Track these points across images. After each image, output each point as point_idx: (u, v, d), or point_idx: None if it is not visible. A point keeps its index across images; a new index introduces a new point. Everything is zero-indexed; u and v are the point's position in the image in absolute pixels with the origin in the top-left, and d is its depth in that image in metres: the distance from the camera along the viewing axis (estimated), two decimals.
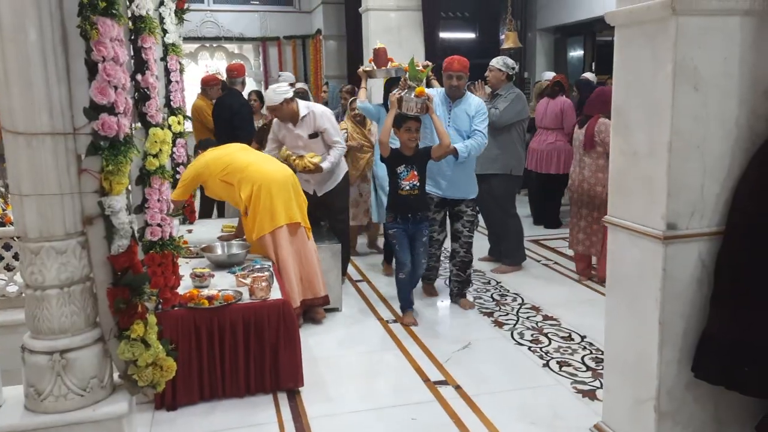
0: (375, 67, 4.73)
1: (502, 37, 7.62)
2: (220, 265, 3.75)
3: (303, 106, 4.56)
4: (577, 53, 9.51)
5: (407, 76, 4.02)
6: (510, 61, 5.11)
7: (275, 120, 4.72)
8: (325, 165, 4.47)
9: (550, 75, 7.53)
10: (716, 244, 2.28)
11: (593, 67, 8.73)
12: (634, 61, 2.34)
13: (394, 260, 4.50)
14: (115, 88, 2.06)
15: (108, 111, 2.06)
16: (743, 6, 2.17)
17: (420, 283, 4.64)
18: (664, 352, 2.32)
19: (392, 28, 6.45)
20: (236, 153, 4.16)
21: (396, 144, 4.16)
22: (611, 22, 2.44)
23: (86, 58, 2.03)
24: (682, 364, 2.33)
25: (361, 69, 4.73)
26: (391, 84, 4.85)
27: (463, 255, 4.48)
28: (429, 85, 4.65)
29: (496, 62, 5.11)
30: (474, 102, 4.31)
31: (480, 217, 5.12)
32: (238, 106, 5.91)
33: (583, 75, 7.66)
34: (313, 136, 4.55)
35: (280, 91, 4.44)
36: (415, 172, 4.04)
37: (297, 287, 3.97)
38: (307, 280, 4.05)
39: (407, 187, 4.05)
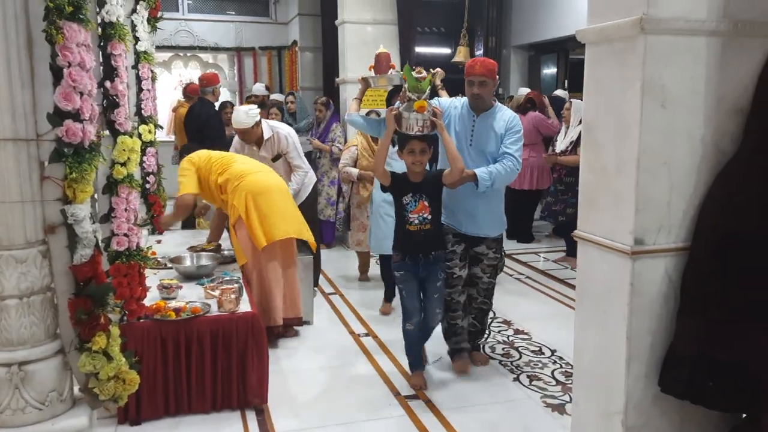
0: (375, 75, 3.99)
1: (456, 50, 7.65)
2: (189, 277, 3.69)
3: (267, 128, 4.51)
4: (550, 70, 9.64)
5: (406, 86, 3.27)
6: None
7: (236, 140, 4.66)
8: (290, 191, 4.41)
9: (525, 91, 7.63)
10: (683, 259, 2.31)
11: (566, 84, 8.86)
12: (603, 78, 2.37)
13: (401, 304, 3.55)
14: (81, 94, 2.02)
15: (73, 117, 2.02)
16: (709, 27, 2.21)
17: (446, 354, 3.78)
18: (632, 367, 2.33)
19: (368, 42, 6.47)
20: (236, 158, 4.09)
21: (400, 166, 3.45)
22: (582, 39, 2.47)
23: (51, 62, 1.99)
24: (649, 379, 2.35)
25: (360, 76, 4.03)
26: (393, 94, 4.38)
27: (482, 302, 3.72)
28: (435, 94, 4.01)
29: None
30: (505, 116, 3.45)
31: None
32: (206, 116, 5.88)
33: (555, 92, 7.79)
34: (277, 158, 4.51)
35: (252, 114, 4.37)
36: (426, 203, 3.29)
37: (281, 305, 3.92)
38: (290, 298, 4.01)
39: (416, 221, 3.29)
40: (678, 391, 2.28)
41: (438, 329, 3.63)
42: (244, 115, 4.35)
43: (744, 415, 2.32)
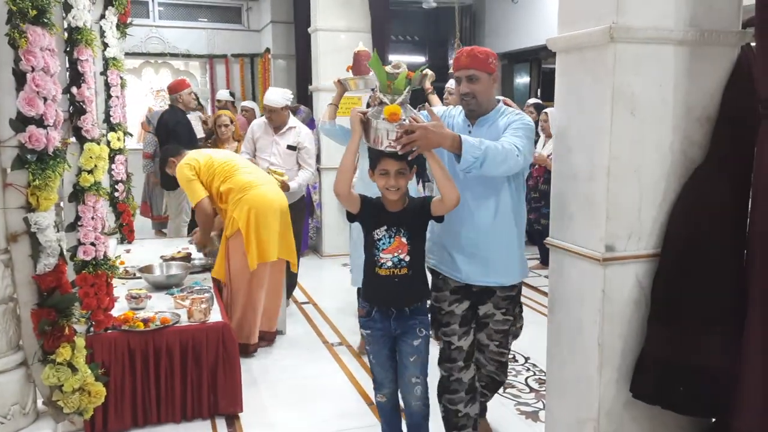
0: (354, 76, 3.57)
1: (451, 61, 7.70)
2: (159, 287, 3.62)
3: (292, 119, 4.64)
4: (523, 80, 9.73)
5: (377, 86, 2.42)
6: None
7: (255, 123, 4.72)
8: (292, 185, 4.41)
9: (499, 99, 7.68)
10: (653, 266, 2.33)
11: (539, 93, 8.95)
12: (574, 86, 2.39)
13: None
14: (45, 99, 1.98)
15: (36, 123, 1.97)
16: (677, 36, 2.24)
17: None
18: (604, 373, 2.34)
19: (342, 49, 6.45)
20: (241, 164, 3.98)
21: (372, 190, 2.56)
22: (552, 47, 2.49)
23: (14, 67, 1.94)
24: (620, 384, 2.36)
25: (336, 79, 3.55)
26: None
27: (494, 372, 2.79)
28: (424, 100, 3.41)
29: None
30: (510, 119, 2.53)
31: None
32: (174, 123, 5.84)
33: (532, 100, 7.85)
34: (292, 148, 4.52)
35: (286, 96, 4.49)
36: (404, 239, 2.44)
37: (258, 324, 3.90)
38: (270, 313, 4.00)
39: (389, 264, 2.44)
40: (648, 397, 2.30)
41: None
42: (280, 96, 4.47)
43: (713, 420, 2.34)
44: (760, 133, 2.06)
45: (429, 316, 2.60)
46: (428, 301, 2.62)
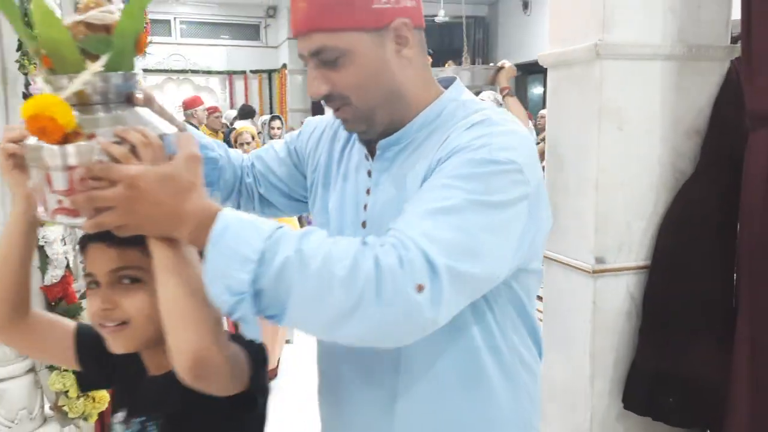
0: None
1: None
2: None
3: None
4: (537, 90, 9.77)
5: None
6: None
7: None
8: None
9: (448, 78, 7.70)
10: (644, 277, 2.36)
11: None
12: (563, 101, 2.45)
13: None
14: None
15: None
16: (664, 51, 2.28)
17: None
18: (596, 384, 2.37)
19: None
20: None
21: None
22: (543, 63, 2.54)
23: (24, 92, 2.06)
24: (613, 396, 2.38)
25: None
26: None
27: None
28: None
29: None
30: (460, 134, 0.98)
31: None
32: None
33: (545, 111, 7.87)
34: None
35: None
36: None
37: (275, 345, 3.87)
38: (280, 337, 3.98)
39: None
40: (640, 408, 2.32)
41: None
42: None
43: (706, 431, 2.35)
44: (749, 145, 2.10)
45: None
46: None
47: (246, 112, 6.01)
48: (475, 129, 0.98)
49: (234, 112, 7.90)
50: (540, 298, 3.86)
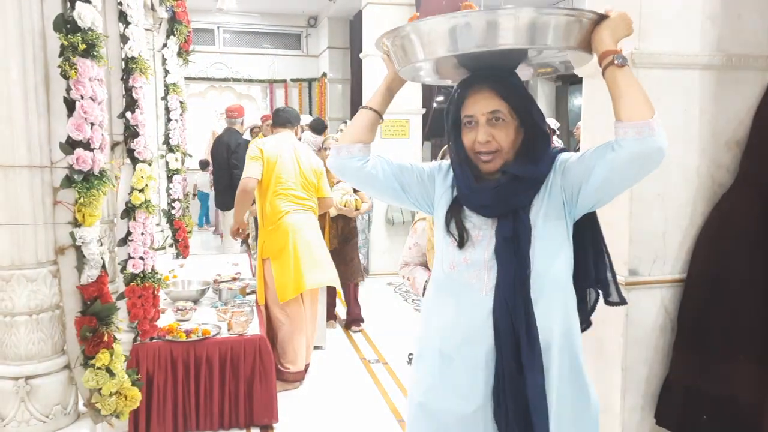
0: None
1: None
2: (176, 300, 3.71)
3: None
4: (578, 101, 9.63)
5: None
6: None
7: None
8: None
9: (552, 122, 7.64)
10: (679, 291, 2.30)
11: None
12: (598, 110, 2.41)
13: None
14: (92, 124, 2.15)
15: (83, 146, 2.14)
16: (702, 61, 2.23)
17: None
18: (627, 398, 2.32)
19: None
20: (292, 183, 3.84)
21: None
22: (579, 72, 2.51)
23: (65, 96, 2.13)
24: (645, 411, 2.33)
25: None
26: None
27: None
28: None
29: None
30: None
31: None
32: (235, 145, 6.07)
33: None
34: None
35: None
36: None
37: (306, 352, 3.90)
38: (309, 343, 3.98)
39: None
40: (673, 424, 2.25)
41: None
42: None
43: None
44: None
45: None
46: None
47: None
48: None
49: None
50: None
